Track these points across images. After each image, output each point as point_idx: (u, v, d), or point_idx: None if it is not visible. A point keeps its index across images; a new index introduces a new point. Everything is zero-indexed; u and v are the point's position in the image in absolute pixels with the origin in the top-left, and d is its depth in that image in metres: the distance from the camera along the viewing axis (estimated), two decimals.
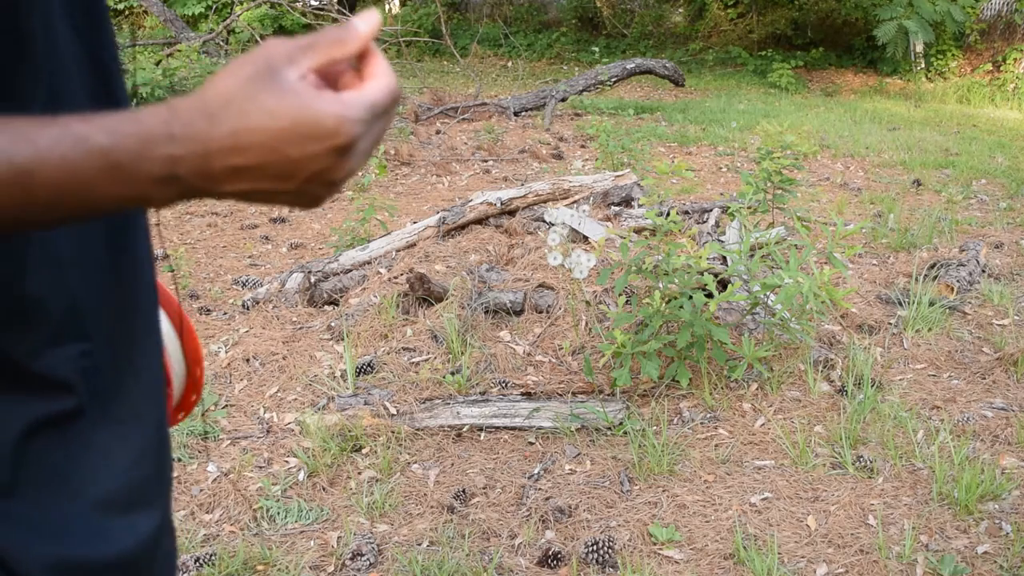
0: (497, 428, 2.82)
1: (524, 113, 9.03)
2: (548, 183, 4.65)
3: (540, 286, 3.58)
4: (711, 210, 4.67)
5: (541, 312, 3.46)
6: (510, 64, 13.84)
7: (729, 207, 4.19)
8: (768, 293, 3.07)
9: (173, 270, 4.17)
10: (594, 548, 2.20)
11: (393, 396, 2.97)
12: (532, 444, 2.76)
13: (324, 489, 2.52)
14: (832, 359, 3.13)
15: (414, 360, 3.20)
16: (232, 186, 0.55)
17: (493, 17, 15.91)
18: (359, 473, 2.60)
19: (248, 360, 3.23)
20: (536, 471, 2.60)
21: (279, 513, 2.40)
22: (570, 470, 2.62)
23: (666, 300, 2.95)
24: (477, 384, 3.04)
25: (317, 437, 2.69)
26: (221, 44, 9.71)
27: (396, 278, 3.74)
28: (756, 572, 2.12)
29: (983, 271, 4.18)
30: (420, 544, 2.28)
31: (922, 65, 12.11)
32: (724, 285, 3.32)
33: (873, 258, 4.48)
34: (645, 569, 2.15)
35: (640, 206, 4.50)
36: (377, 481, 2.56)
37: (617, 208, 4.54)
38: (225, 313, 3.73)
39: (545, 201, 4.55)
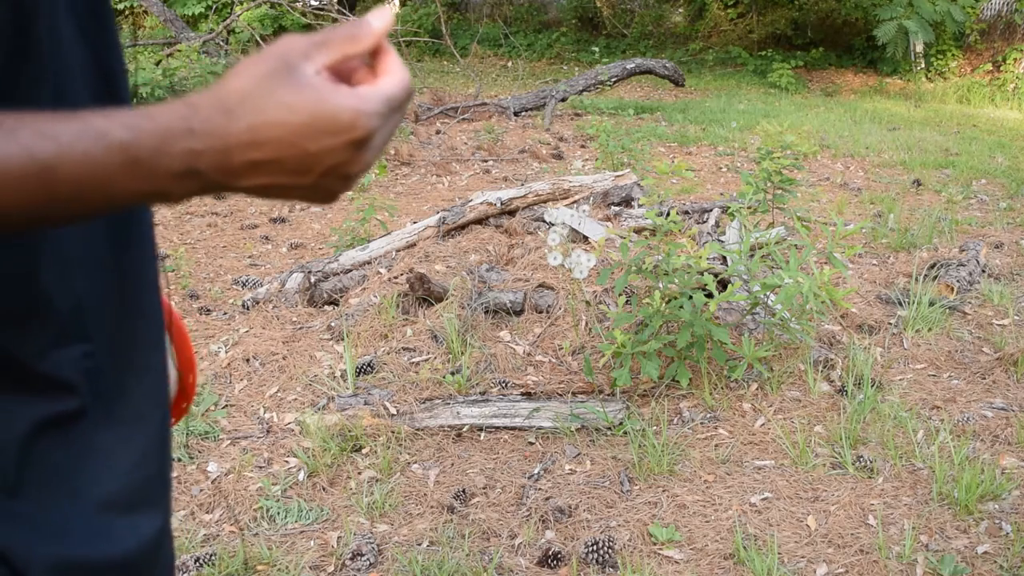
0: (497, 428, 2.82)
1: (524, 113, 9.03)
2: (548, 183, 4.65)
3: (540, 286, 3.58)
4: (711, 210, 4.67)
5: (541, 312, 3.46)
6: (510, 64, 13.84)
7: (729, 207, 4.19)
8: (768, 293, 3.07)
9: (173, 270, 4.17)
10: (594, 548, 2.20)
11: (393, 396, 2.97)
12: (532, 444, 2.76)
13: (324, 489, 2.53)
14: (832, 359, 3.13)
15: (414, 360, 3.20)
16: (250, 181, 0.55)
17: (493, 17, 15.91)
18: (359, 473, 2.60)
19: (248, 360, 3.23)
20: (536, 471, 2.60)
21: (279, 513, 2.40)
22: (570, 470, 2.62)
23: (666, 300, 2.95)
24: (477, 384, 3.04)
25: (317, 437, 2.69)
26: (221, 44, 9.71)
27: (396, 278, 3.74)
28: (756, 572, 2.12)
29: (983, 271, 4.18)
30: (420, 544, 2.28)
31: (922, 65, 12.11)
32: (724, 285, 3.32)
33: (873, 258, 4.48)
34: (645, 569, 2.15)
35: (640, 206, 4.50)
36: (377, 481, 2.56)
37: (617, 208, 4.54)
38: (225, 313, 3.73)
39: (545, 201, 4.55)
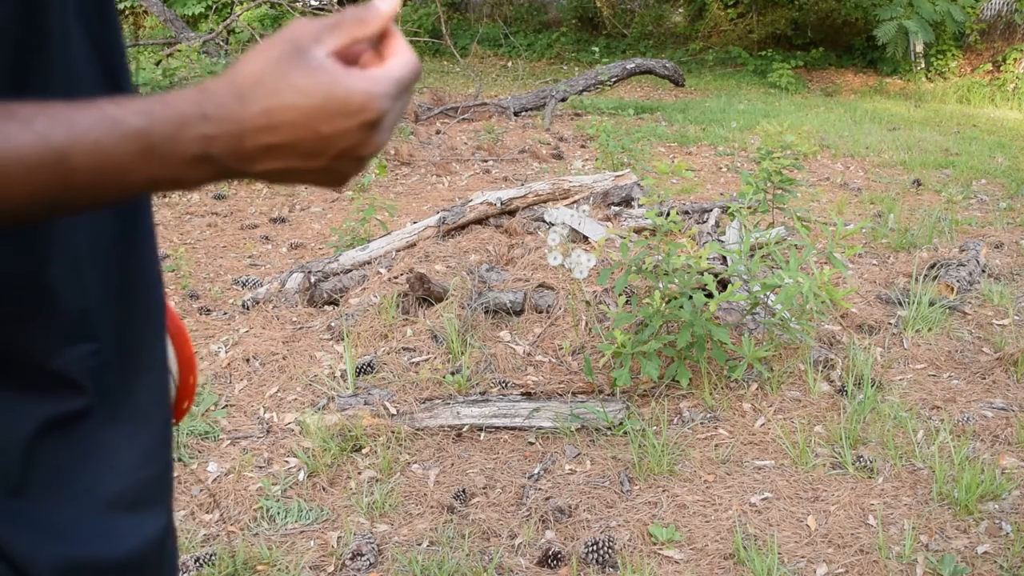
0: (497, 428, 2.82)
1: (524, 113, 9.03)
2: (548, 183, 4.65)
3: (540, 286, 3.58)
4: (711, 210, 4.67)
5: (541, 312, 3.46)
6: (510, 64, 13.84)
7: (729, 207, 4.19)
8: (768, 293, 3.07)
9: (173, 270, 4.17)
10: (594, 548, 2.20)
11: (393, 396, 2.97)
12: (532, 444, 2.76)
13: (324, 489, 2.52)
14: (832, 359, 3.13)
15: (414, 360, 3.20)
16: (263, 165, 0.56)
17: (493, 17, 15.91)
18: (359, 473, 2.60)
19: (248, 360, 3.23)
20: (536, 471, 2.60)
21: (279, 513, 2.40)
22: (570, 470, 2.62)
23: (666, 300, 2.95)
24: (477, 384, 3.04)
25: (317, 437, 2.69)
26: (221, 44, 9.71)
27: (396, 278, 3.74)
28: (756, 572, 2.12)
29: (983, 271, 4.18)
30: (420, 544, 2.28)
31: (922, 65, 12.11)
32: (724, 285, 3.32)
33: (873, 258, 4.48)
34: (645, 569, 2.15)
35: (640, 206, 4.50)
36: (377, 481, 2.56)
37: (617, 208, 4.54)
38: (225, 313, 3.73)
39: (545, 201, 4.55)
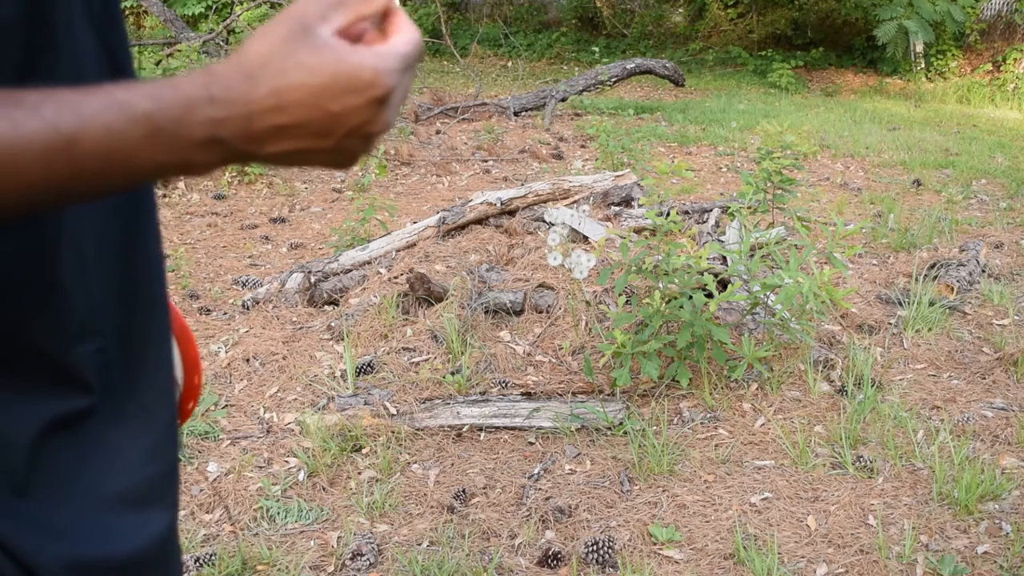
0: (497, 428, 2.82)
1: (524, 113, 9.03)
2: (548, 183, 4.65)
3: (540, 286, 3.58)
4: (711, 210, 4.67)
5: (541, 312, 3.46)
6: (510, 64, 13.84)
7: (729, 207, 4.19)
8: (768, 293, 3.07)
9: (173, 270, 4.17)
10: (594, 548, 2.20)
11: (393, 396, 2.97)
12: (532, 444, 2.76)
13: (324, 489, 2.53)
14: (832, 359, 3.13)
15: (414, 360, 3.20)
16: (273, 147, 0.56)
17: (493, 17, 15.91)
18: (359, 473, 2.60)
19: (248, 360, 3.23)
20: (536, 471, 2.60)
21: (279, 513, 2.40)
22: (570, 470, 2.62)
23: (666, 300, 2.95)
24: (477, 384, 3.04)
25: (317, 437, 2.69)
26: (221, 44, 9.70)
27: (396, 278, 3.74)
28: (756, 572, 2.12)
29: (983, 271, 4.18)
30: (420, 544, 2.28)
31: (922, 65, 12.11)
32: (724, 285, 3.32)
33: (873, 258, 4.48)
34: (645, 569, 2.15)
35: (640, 206, 4.50)
36: (377, 481, 2.56)
37: (617, 208, 4.54)
38: (225, 313, 3.73)
39: (545, 201, 4.55)
